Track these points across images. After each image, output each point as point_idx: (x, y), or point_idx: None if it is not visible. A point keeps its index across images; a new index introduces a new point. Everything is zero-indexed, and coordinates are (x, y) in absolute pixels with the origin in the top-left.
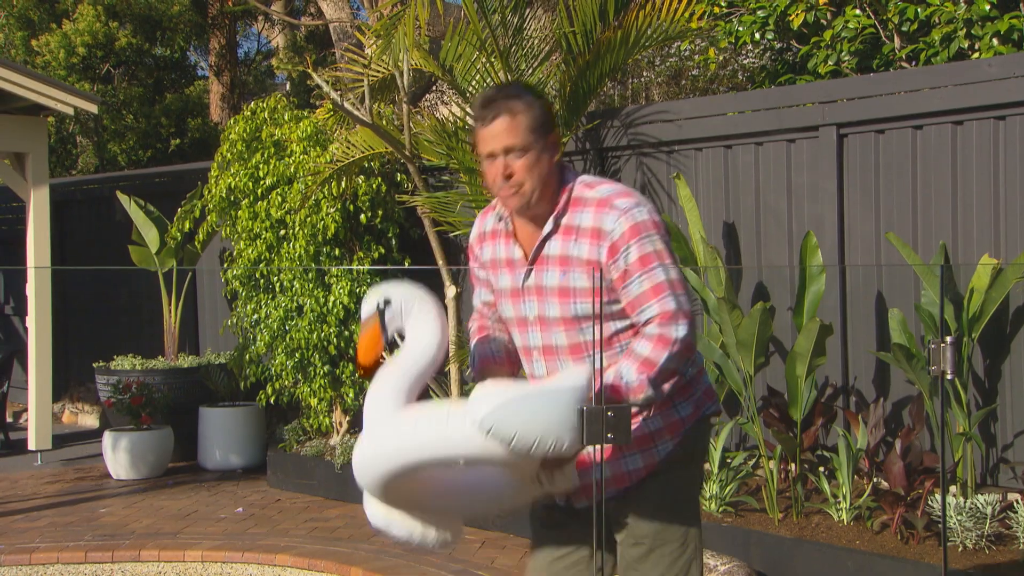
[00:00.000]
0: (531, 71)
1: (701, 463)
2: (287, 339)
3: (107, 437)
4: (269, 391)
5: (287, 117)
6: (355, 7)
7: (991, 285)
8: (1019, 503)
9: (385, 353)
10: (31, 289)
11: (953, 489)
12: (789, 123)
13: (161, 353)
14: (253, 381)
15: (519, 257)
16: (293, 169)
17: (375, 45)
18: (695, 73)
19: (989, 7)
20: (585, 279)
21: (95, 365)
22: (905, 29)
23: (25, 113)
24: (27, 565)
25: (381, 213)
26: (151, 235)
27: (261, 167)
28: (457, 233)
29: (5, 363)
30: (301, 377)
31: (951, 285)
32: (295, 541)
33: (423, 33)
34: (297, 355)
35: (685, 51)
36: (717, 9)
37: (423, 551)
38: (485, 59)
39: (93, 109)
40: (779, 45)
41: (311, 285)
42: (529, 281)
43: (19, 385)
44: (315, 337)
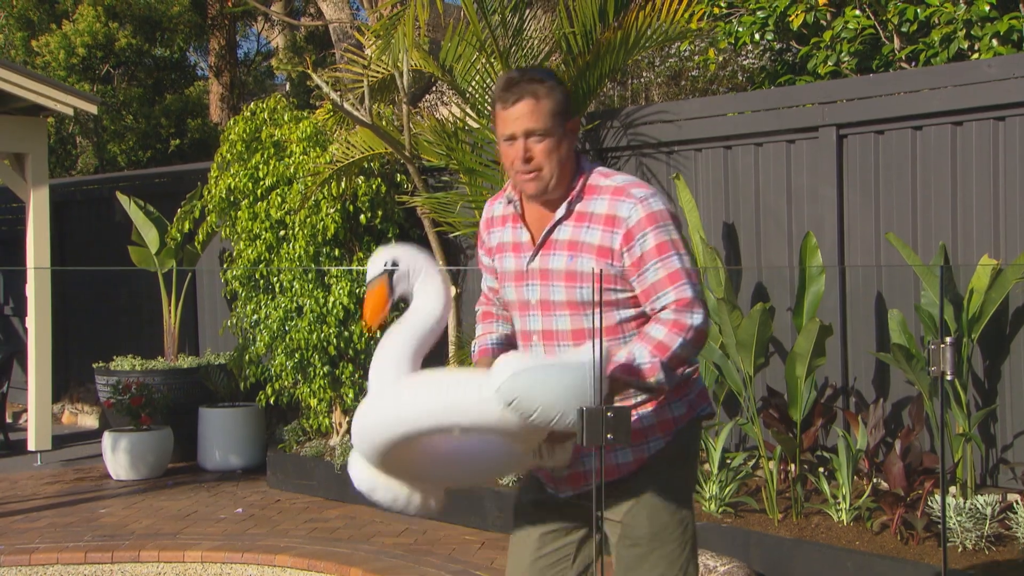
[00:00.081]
0: None
1: (694, 464)
2: (287, 340)
3: (107, 438)
4: (269, 392)
5: (287, 118)
6: (355, 7)
7: (991, 286)
8: (1019, 504)
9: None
10: (31, 290)
11: (953, 490)
12: (789, 124)
13: (161, 354)
14: (253, 382)
15: (526, 240)
16: (293, 170)
17: (375, 46)
18: (695, 74)
19: (989, 8)
20: (593, 264)
21: (95, 366)
22: (905, 30)
23: (25, 114)
24: (27, 566)
25: (381, 214)
26: (151, 236)
27: (261, 168)
28: (457, 234)
29: (5, 364)
30: (301, 378)
31: (951, 286)
32: (295, 542)
33: (423, 33)
34: (297, 356)
35: (685, 52)
36: (717, 10)
37: (403, 514)
38: (485, 60)
39: (93, 110)
40: (779, 46)
41: (311, 286)
42: (534, 264)
43: (19, 386)
44: (315, 338)
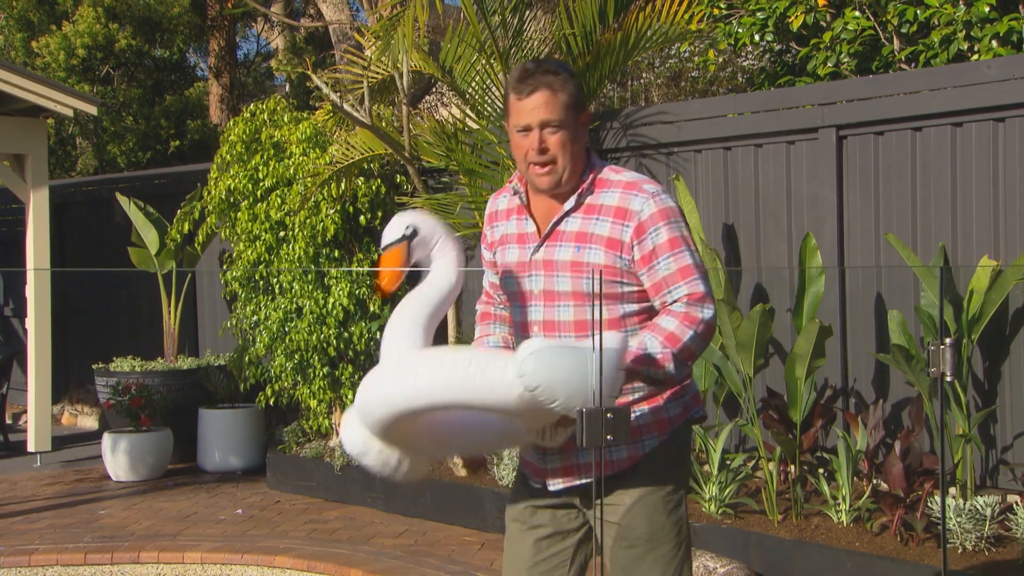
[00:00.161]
0: None
1: (688, 465)
2: (286, 341)
3: (106, 439)
4: (268, 393)
5: (286, 119)
6: (354, 9)
7: (991, 287)
8: (1019, 505)
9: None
10: (30, 291)
11: (952, 491)
12: (788, 125)
13: (160, 355)
14: (252, 383)
15: (531, 231)
16: (292, 171)
17: (374, 47)
18: (695, 75)
19: (988, 9)
20: (602, 255)
21: (94, 367)
22: (904, 31)
23: (24, 115)
24: (26, 567)
25: (381, 215)
26: (151, 237)
27: (260, 169)
28: (457, 235)
29: (5, 365)
30: (300, 379)
31: (950, 287)
32: (294, 543)
33: (423, 35)
34: (296, 357)
35: (685, 53)
36: (716, 11)
37: (389, 480)
38: (485, 61)
39: (92, 111)
40: (778, 47)
41: (310, 287)
42: (538, 255)
43: (18, 387)
44: (314, 339)
